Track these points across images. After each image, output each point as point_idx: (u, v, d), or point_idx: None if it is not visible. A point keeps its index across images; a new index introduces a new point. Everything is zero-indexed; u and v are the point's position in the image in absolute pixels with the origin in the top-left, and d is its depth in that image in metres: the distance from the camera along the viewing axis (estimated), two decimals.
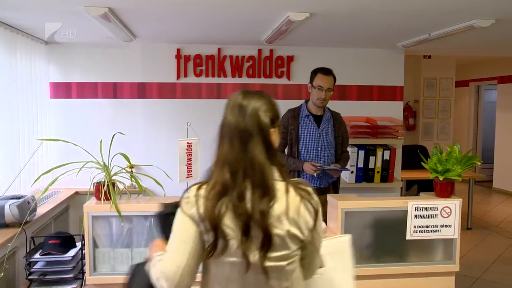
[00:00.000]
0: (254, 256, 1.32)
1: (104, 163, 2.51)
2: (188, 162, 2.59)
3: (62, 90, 4.50)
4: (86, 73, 4.49)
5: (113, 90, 4.56)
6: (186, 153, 2.59)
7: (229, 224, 1.32)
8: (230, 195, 1.33)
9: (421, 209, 2.67)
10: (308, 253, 1.43)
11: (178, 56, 4.53)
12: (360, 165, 4.35)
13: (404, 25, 3.58)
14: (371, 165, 4.35)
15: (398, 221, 2.70)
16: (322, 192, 3.13)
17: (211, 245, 1.34)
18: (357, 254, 2.70)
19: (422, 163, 2.79)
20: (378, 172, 4.36)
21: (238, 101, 1.41)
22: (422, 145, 6.75)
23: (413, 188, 6.18)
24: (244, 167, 1.34)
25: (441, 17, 3.27)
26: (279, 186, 1.36)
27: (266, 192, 1.33)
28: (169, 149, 4.33)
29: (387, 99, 4.77)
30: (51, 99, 4.48)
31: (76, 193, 4.20)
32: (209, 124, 4.60)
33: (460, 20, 3.33)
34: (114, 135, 2.62)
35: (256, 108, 1.39)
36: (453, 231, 2.72)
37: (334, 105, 4.70)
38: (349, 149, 4.39)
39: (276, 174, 1.37)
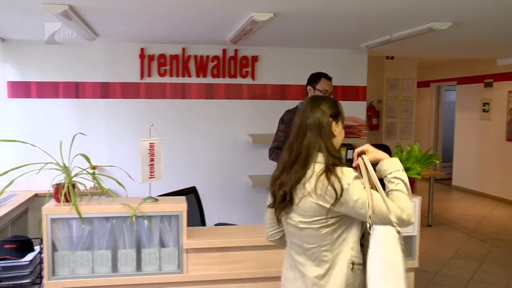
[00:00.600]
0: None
1: (64, 164, 2.45)
2: (151, 163, 2.56)
3: (21, 89, 4.37)
4: (45, 72, 4.37)
5: (75, 90, 4.45)
6: (149, 153, 2.56)
7: None
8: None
9: None
10: (346, 221, 1.74)
11: (142, 55, 4.46)
12: None
13: (367, 27, 3.65)
14: None
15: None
16: None
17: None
18: None
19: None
20: None
21: (305, 103, 1.89)
22: (385, 145, 6.89)
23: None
24: (297, 151, 1.78)
25: (402, 19, 3.35)
26: (317, 167, 1.74)
27: (303, 170, 1.75)
28: (132, 150, 4.26)
29: (350, 99, 4.84)
30: (9, 98, 4.34)
31: (36, 195, 4.09)
32: (174, 124, 4.61)
33: (420, 23, 3.42)
34: (75, 135, 2.56)
35: (317, 108, 1.84)
36: (413, 228, 2.77)
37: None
38: None
39: (320, 158, 1.76)
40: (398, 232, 1.68)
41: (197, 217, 3.32)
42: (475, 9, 3.00)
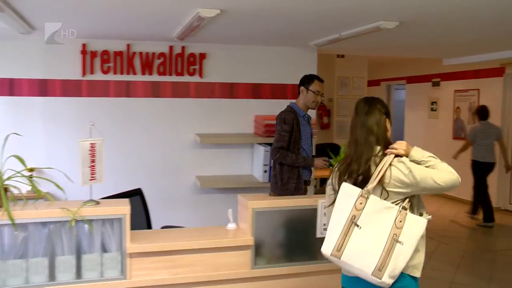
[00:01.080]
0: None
1: None
2: (92, 164, 2.50)
3: None
4: None
5: (9, 87, 4.28)
6: (90, 154, 2.50)
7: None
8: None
9: None
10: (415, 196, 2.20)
11: (83, 51, 4.35)
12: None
13: (315, 24, 3.72)
14: None
15: (309, 220, 2.79)
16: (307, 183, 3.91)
17: None
18: (269, 254, 2.77)
19: (330, 160, 2.90)
20: None
21: (362, 104, 2.29)
22: (336, 143, 7.04)
23: (324, 186, 6.41)
24: (362, 145, 2.21)
25: (351, 18, 3.44)
26: (382, 158, 2.18)
27: (367, 158, 2.18)
28: (72, 151, 4.14)
29: None
30: None
31: None
32: (118, 124, 4.53)
33: (368, 21, 3.52)
34: (8, 136, 2.47)
35: (374, 108, 2.26)
36: None
37: (247, 104, 4.79)
38: (262, 148, 4.48)
39: (377, 150, 2.20)
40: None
41: (142, 220, 3.27)
42: (421, 9, 3.13)
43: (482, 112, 6.90)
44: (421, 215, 2.19)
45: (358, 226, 2.11)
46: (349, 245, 2.11)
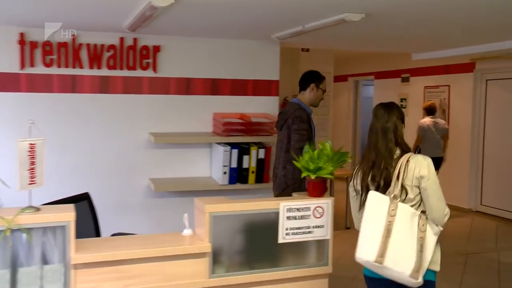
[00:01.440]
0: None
1: None
2: (31, 167, 2.43)
3: None
4: None
5: None
6: (29, 156, 2.43)
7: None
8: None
9: (293, 210, 2.81)
10: (422, 196, 2.57)
11: (21, 41, 4.23)
12: (234, 165, 4.45)
13: (277, 16, 3.74)
14: (245, 165, 4.47)
15: (271, 224, 2.81)
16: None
17: None
18: (228, 261, 2.77)
19: (294, 161, 2.93)
20: (252, 172, 4.50)
21: (381, 110, 2.73)
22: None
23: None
24: (382, 152, 2.64)
25: (314, 10, 3.48)
26: (399, 159, 2.61)
27: (388, 163, 2.62)
28: (9, 152, 4.03)
29: (262, 94, 4.94)
30: None
31: None
32: (63, 122, 4.43)
33: (332, 13, 3.57)
34: None
35: (392, 115, 2.69)
36: (326, 232, 2.90)
37: (205, 100, 4.77)
38: (221, 147, 4.48)
39: (398, 152, 2.64)
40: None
41: (90, 227, 3.23)
42: (388, 1, 3.20)
43: (430, 108, 7.73)
44: None
45: (393, 232, 2.49)
46: (389, 251, 2.47)
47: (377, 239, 2.48)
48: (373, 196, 2.58)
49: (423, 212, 2.56)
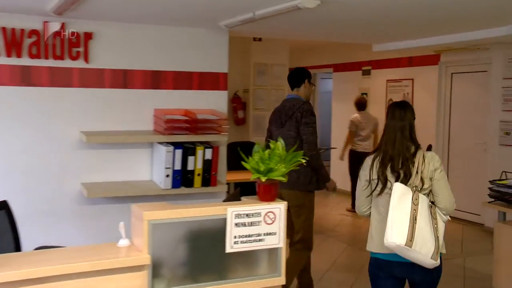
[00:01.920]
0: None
1: None
2: None
3: None
4: None
5: None
6: None
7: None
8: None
9: (242, 215, 2.80)
10: (435, 187, 3.24)
11: None
12: (177, 167, 4.42)
13: (225, 2, 3.74)
14: (190, 167, 4.45)
15: (218, 232, 2.80)
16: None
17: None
18: (170, 274, 2.75)
19: (242, 162, 2.94)
20: (198, 174, 4.49)
21: (397, 110, 3.34)
22: (253, 142, 7.14)
23: (236, 191, 6.53)
24: (400, 148, 3.27)
25: None
26: (414, 154, 3.28)
27: (405, 157, 3.26)
28: None
29: (208, 88, 4.93)
30: None
31: None
32: None
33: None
34: None
35: (407, 114, 3.32)
36: (278, 239, 2.91)
37: (145, 95, 4.72)
38: (163, 148, 4.45)
39: (412, 148, 3.28)
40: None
41: (8, 240, 3.14)
42: None
43: (361, 103, 8.64)
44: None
45: (417, 219, 3.11)
46: (416, 235, 3.07)
47: (405, 225, 3.08)
48: (399, 187, 3.18)
49: (433, 203, 3.25)
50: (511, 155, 7.33)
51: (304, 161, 2.95)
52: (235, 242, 2.80)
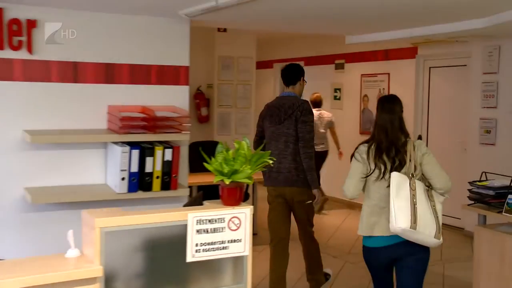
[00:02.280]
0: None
1: None
2: None
3: None
4: None
5: None
6: None
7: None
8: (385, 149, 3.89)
9: (204, 221, 2.79)
10: (427, 170, 3.85)
11: None
12: (134, 169, 4.36)
13: None
14: (148, 169, 4.40)
15: (178, 239, 2.78)
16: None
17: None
18: (125, 287, 2.72)
19: (204, 163, 2.92)
20: (157, 177, 4.44)
21: (387, 103, 3.98)
22: (217, 141, 7.14)
23: (198, 195, 6.54)
24: (392, 138, 3.87)
25: None
26: (405, 144, 3.88)
27: (399, 146, 3.86)
28: None
29: (168, 83, 4.89)
30: None
31: None
32: None
33: None
34: None
35: (396, 106, 3.96)
36: (243, 247, 2.91)
37: (98, 90, 4.66)
38: (118, 148, 4.40)
39: (402, 138, 3.87)
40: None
41: None
42: None
43: (316, 101, 8.95)
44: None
45: (417, 203, 3.68)
46: (418, 218, 3.65)
47: (407, 210, 3.64)
48: (395, 176, 3.73)
49: (429, 186, 3.85)
50: (491, 154, 7.49)
51: (271, 162, 2.95)
52: (196, 251, 2.79)
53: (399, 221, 3.62)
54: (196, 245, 2.78)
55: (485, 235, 4.85)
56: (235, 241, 2.88)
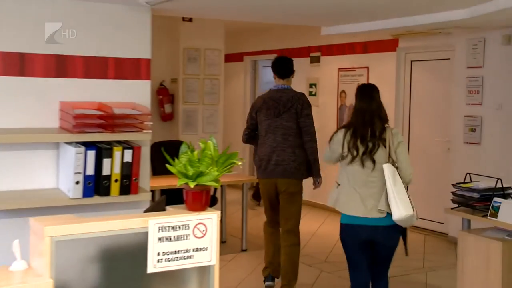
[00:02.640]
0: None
1: None
2: None
3: None
4: None
5: None
6: None
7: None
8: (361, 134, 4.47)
9: (167, 228, 2.77)
10: (399, 158, 4.42)
11: None
12: (90, 171, 4.31)
13: None
14: (105, 171, 4.35)
15: (139, 248, 2.76)
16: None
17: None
18: None
19: (167, 165, 2.90)
20: (116, 180, 4.39)
21: (364, 90, 4.63)
22: (182, 141, 7.12)
23: (160, 199, 6.52)
24: (371, 123, 4.43)
25: None
26: (383, 131, 4.47)
27: (374, 132, 4.43)
28: None
29: (128, 77, 4.85)
30: None
31: None
32: None
33: None
34: None
35: (374, 93, 4.56)
36: (209, 256, 2.90)
37: (48, 85, 4.61)
38: (72, 148, 4.35)
39: (380, 125, 4.44)
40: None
41: None
42: None
43: None
44: None
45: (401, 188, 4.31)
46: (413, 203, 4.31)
47: (406, 197, 4.25)
48: (387, 167, 4.26)
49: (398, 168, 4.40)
50: (476, 154, 7.59)
51: (240, 163, 2.95)
52: (158, 260, 2.77)
53: (403, 209, 4.19)
54: (158, 254, 2.76)
55: (469, 241, 4.91)
56: (200, 249, 2.87)
